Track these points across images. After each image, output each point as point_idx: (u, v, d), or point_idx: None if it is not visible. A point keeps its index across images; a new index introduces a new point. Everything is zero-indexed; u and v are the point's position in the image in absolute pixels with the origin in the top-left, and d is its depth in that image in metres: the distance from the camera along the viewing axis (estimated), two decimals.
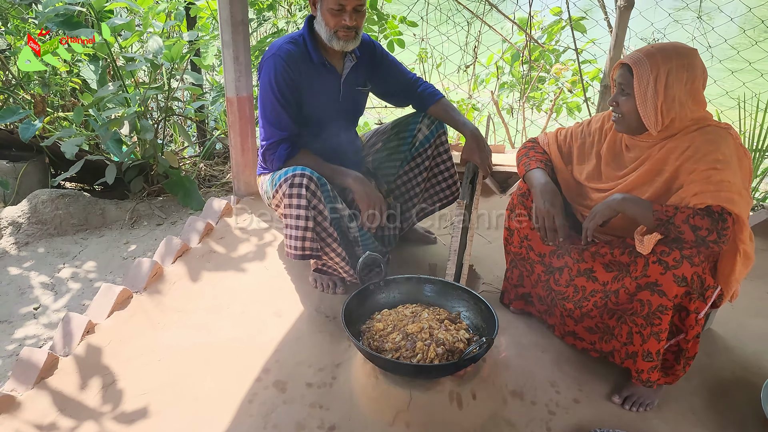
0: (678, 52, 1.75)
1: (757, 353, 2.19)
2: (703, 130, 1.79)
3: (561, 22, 4.43)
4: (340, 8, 2.15)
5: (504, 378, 1.97)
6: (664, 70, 1.72)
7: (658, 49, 1.75)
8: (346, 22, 2.16)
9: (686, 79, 1.74)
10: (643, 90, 1.75)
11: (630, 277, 1.82)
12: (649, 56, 1.74)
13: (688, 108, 1.77)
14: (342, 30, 2.19)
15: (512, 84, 4.78)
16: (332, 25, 2.18)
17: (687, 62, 1.73)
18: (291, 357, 2.05)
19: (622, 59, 1.82)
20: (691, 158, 1.75)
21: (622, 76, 1.81)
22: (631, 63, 1.77)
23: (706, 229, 1.67)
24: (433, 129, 2.49)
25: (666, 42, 1.82)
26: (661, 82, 1.73)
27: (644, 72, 1.74)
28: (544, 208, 1.98)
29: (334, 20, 2.17)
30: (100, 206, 3.30)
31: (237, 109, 2.92)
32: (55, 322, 2.52)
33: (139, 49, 4.02)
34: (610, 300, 1.89)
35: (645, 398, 1.91)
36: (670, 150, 1.81)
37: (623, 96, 1.82)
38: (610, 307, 1.91)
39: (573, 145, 2.11)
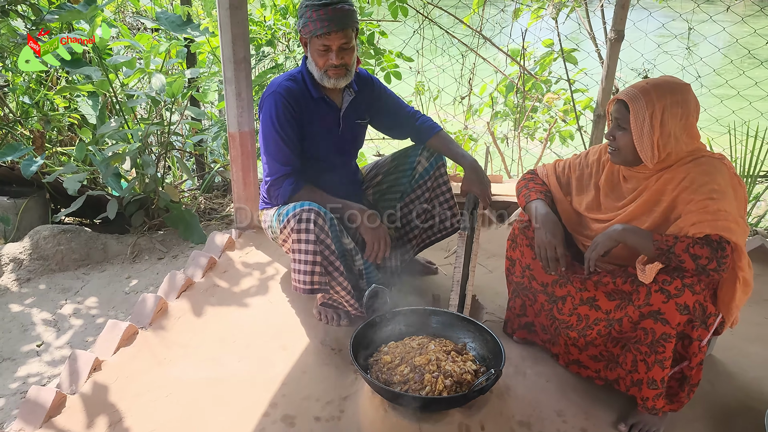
0: (672, 88, 1.81)
1: (758, 379, 2.21)
2: (698, 161, 1.84)
3: (553, 53, 4.53)
4: (326, 48, 2.21)
5: (511, 408, 1.98)
6: (659, 106, 1.78)
7: (653, 86, 1.81)
8: (333, 61, 2.22)
9: (681, 115, 1.80)
10: (639, 125, 1.80)
11: (633, 305, 1.85)
12: (645, 93, 1.80)
13: (683, 142, 1.83)
14: (331, 69, 2.25)
15: (506, 114, 4.86)
16: (321, 65, 2.25)
17: (681, 98, 1.79)
18: (298, 391, 2.05)
19: (617, 95, 1.87)
20: (688, 189, 1.80)
21: (619, 111, 1.87)
22: (627, 99, 1.82)
23: (705, 258, 1.71)
24: (432, 161, 2.54)
25: (660, 77, 1.88)
26: (657, 118, 1.78)
27: (640, 108, 1.79)
28: (545, 238, 2.01)
29: (322, 60, 2.24)
30: (101, 241, 3.31)
31: (239, 144, 2.96)
32: (59, 360, 2.51)
33: (136, 83, 4.08)
34: (614, 328, 1.92)
35: (651, 426, 1.92)
36: (667, 181, 1.86)
37: (620, 130, 1.88)
38: (614, 336, 1.94)
39: (571, 177, 2.16)
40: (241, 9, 2.74)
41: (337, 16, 2.17)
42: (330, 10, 2.16)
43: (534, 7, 4.35)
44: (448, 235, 2.66)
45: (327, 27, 2.16)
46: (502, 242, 2.78)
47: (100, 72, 3.29)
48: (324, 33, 2.18)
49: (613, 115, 1.91)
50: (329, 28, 2.17)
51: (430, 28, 4.79)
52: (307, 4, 2.19)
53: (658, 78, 1.88)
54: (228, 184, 4.10)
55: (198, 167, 4.27)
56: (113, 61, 3.31)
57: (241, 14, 2.75)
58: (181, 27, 3.54)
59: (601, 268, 2.02)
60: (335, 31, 2.18)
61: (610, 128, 1.92)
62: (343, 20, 2.18)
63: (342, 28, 2.19)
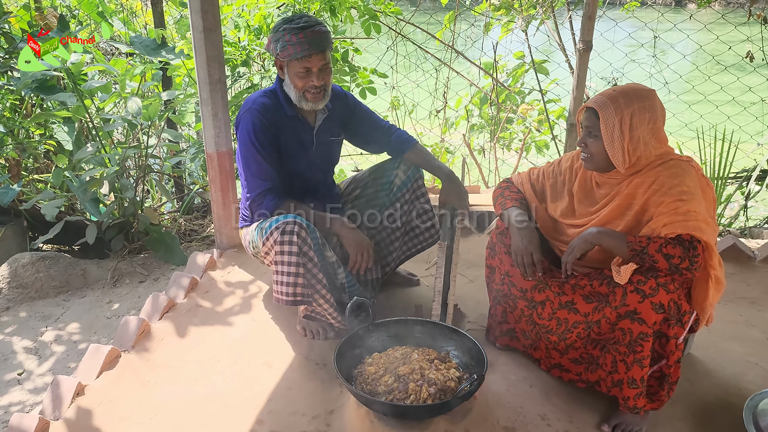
0: (638, 94, 1.87)
1: (736, 375, 2.25)
2: (666, 165, 1.90)
3: (524, 65, 4.62)
4: (307, 71, 2.25)
5: (496, 414, 2.00)
6: (627, 112, 1.84)
7: (621, 93, 1.87)
8: (314, 83, 2.26)
9: (648, 119, 1.86)
10: (609, 132, 1.86)
11: (610, 306, 1.89)
12: (613, 100, 1.85)
13: (651, 146, 1.89)
14: (310, 91, 2.28)
15: (482, 126, 4.93)
16: (300, 87, 2.28)
17: (648, 104, 1.86)
18: (284, 407, 2.06)
19: (586, 103, 1.92)
20: (658, 191, 1.86)
21: (589, 119, 1.92)
22: (596, 107, 1.88)
23: (678, 257, 1.76)
24: (409, 174, 2.57)
25: (626, 84, 1.94)
26: (626, 124, 1.84)
27: (609, 115, 1.85)
28: (521, 245, 2.06)
29: (301, 82, 2.27)
30: (81, 267, 3.29)
31: (217, 164, 2.97)
32: (41, 387, 2.49)
33: (112, 108, 4.08)
34: (592, 330, 1.95)
35: (633, 426, 1.95)
36: (638, 185, 1.91)
37: (591, 137, 1.93)
38: (593, 338, 1.97)
39: (546, 184, 2.21)
40: (215, 31, 2.77)
41: (316, 39, 2.20)
42: (309, 32, 2.19)
43: (504, 21, 4.44)
44: (428, 247, 2.69)
45: (308, 50, 2.20)
46: (481, 252, 2.81)
47: (75, 98, 3.29)
48: (305, 56, 2.21)
49: (583, 124, 1.96)
50: (309, 51, 2.20)
51: (403, 44, 4.86)
52: (285, 27, 2.22)
53: (624, 85, 1.94)
54: (207, 205, 4.10)
55: (177, 189, 4.27)
56: (88, 86, 3.32)
57: (215, 36, 2.78)
58: (155, 50, 3.56)
59: (578, 272, 2.06)
60: (315, 54, 2.21)
61: (581, 136, 1.98)
62: (322, 42, 2.22)
63: (322, 50, 2.23)
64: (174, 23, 4.38)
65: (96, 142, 3.43)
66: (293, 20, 2.22)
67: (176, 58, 3.53)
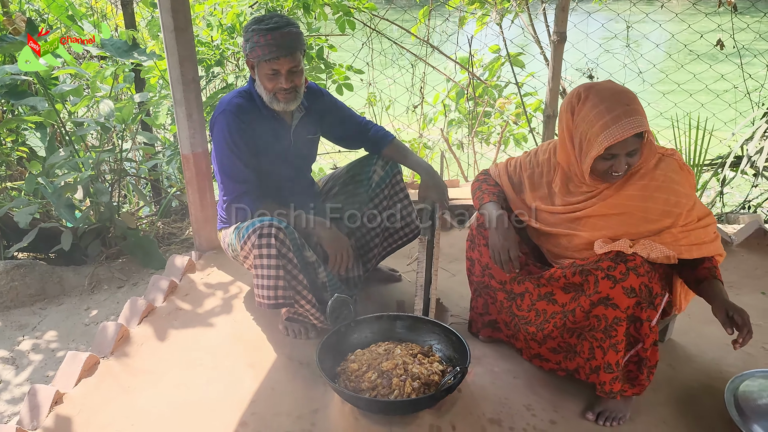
0: (628, 92, 1.87)
1: (716, 359, 2.28)
2: (663, 173, 1.91)
3: (500, 58, 4.63)
4: (275, 73, 2.21)
5: (481, 407, 2.00)
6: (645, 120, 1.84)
7: (635, 103, 1.83)
8: (283, 85, 2.22)
9: None
10: (648, 139, 1.88)
11: (585, 295, 1.90)
12: (642, 114, 1.82)
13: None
14: (280, 93, 2.25)
15: (460, 120, 4.93)
16: (270, 89, 2.25)
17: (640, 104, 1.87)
18: (268, 408, 2.04)
19: (628, 132, 1.78)
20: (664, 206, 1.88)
21: (634, 142, 1.83)
22: (643, 128, 1.81)
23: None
24: (387, 169, 2.56)
25: (610, 92, 1.87)
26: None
27: (646, 125, 1.84)
28: (498, 242, 2.06)
29: (271, 84, 2.24)
30: (57, 274, 3.23)
31: (193, 165, 2.94)
32: (19, 398, 2.44)
33: (86, 112, 4.01)
34: (568, 319, 1.96)
35: (617, 412, 1.96)
36: (628, 187, 1.93)
37: (631, 156, 1.86)
38: (569, 327, 1.98)
39: (523, 175, 2.21)
40: (186, 30, 2.74)
41: (285, 41, 2.17)
42: (278, 35, 2.16)
43: (478, 14, 4.45)
44: (408, 242, 2.68)
45: (276, 52, 2.16)
46: (462, 246, 2.81)
47: (45, 102, 3.23)
48: (272, 58, 2.17)
49: (619, 152, 1.84)
50: (278, 53, 2.17)
51: (378, 41, 4.84)
52: (254, 28, 2.18)
53: (620, 97, 1.85)
54: (185, 207, 4.05)
55: (154, 193, 4.21)
56: (59, 90, 3.26)
57: (187, 35, 2.74)
58: (127, 52, 3.50)
59: (558, 264, 2.07)
60: (284, 56, 2.18)
61: (620, 162, 1.85)
62: (292, 45, 2.19)
63: (291, 53, 2.19)
64: (146, 25, 4.32)
65: (69, 147, 3.37)
66: (263, 20, 2.19)
67: (148, 59, 3.48)
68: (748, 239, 3.16)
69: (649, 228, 1.90)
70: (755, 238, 3.16)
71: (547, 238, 2.14)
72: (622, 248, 1.84)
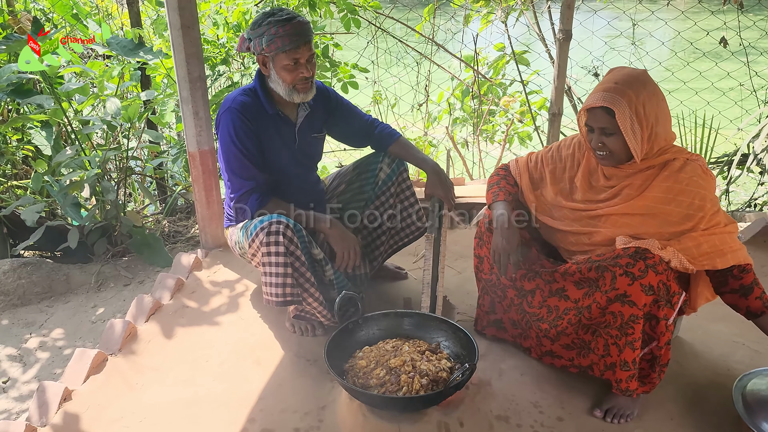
0: (641, 81, 1.84)
1: (724, 356, 2.28)
2: (683, 169, 1.88)
3: (505, 57, 4.62)
4: (295, 62, 2.22)
5: (488, 404, 2.00)
6: (639, 103, 1.81)
7: (625, 84, 1.82)
8: (304, 74, 2.24)
9: (656, 103, 1.84)
10: (628, 127, 1.82)
11: (600, 291, 1.89)
12: (622, 93, 1.80)
13: (662, 128, 1.87)
14: (300, 83, 2.26)
15: (464, 119, 4.93)
16: (290, 81, 2.25)
17: (651, 88, 1.84)
18: (275, 404, 2.04)
19: (593, 102, 1.85)
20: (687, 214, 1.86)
21: (601, 118, 1.85)
22: (610, 105, 1.81)
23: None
24: (394, 167, 2.56)
25: (620, 72, 1.88)
26: (641, 114, 1.82)
27: (624, 110, 1.80)
28: (500, 245, 2.06)
29: (291, 75, 2.24)
30: (63, 272, 3.24)
31: (200, 163, 2.94)
32: (26, 395, 2.45)
33: (92, 111, 4.02)
34: (583, 316, 1.96)
35: (625, 409, 1.96)
36: (654, 189, 1.91)
37: (606, 135, 1.88)
38: (584, 323, 1.97)
39: (545, 170, 2.19)
40: (193, 28, 2.74)
41: (302, 29, 2.19)
42: (296, 23, 2.18)
43: (483, 12, 4.44)
44: (415, 239, 2.68)
45: (296, 41, 2.18)
46: (468, 243, 2.82)
47: (51, 100, 3.24)
48: (293, 47, 2.19)
49: (592, 125, 1.89)
50: (298, 42, 2.18)
51: (383, 39, 4.84)
52: (269, 20, 2.19)
53: (620, 74, 1.87)
54: (191, 205, 4.06)
55: (160, 191, 4.22)
56: (65, 89, 3.27)
57: (193, 33, 2.75)
58: (133, 51, 3.51)
59: (572, 260, 2.06)
60: (303, 44, 2.20)
61: (595, 138, 1.91)
62: (307, 33, 2.22)
63: (308, 40, 2.22)
64: (151, 23, 4.33)
65: (75, 146, 3.38)
66: (275, 13, 2.21)
67: (154, 57, 3.49)
68: (755, 237, 3.15)
69: (670, 230, 1.88)
70: (762, 235, 3.15)
71: (564, 235, 2.12)
72: (649, 246, 1.83)
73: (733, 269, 1.89)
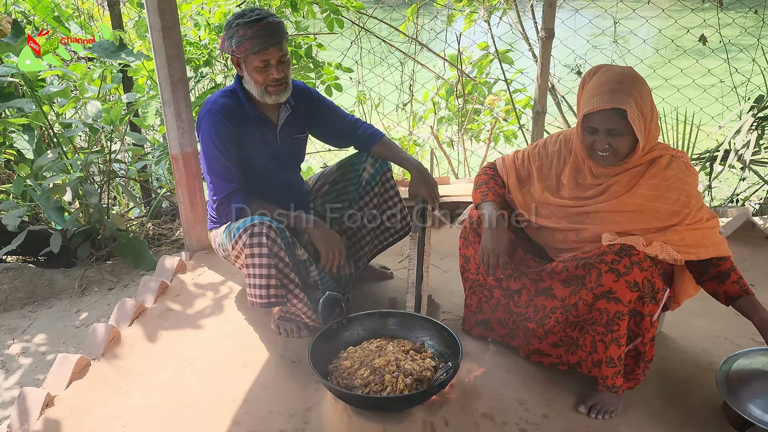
0: (639, 79, 1.86)
1: (706, 350, 2.30)
2: (670, 166, 1.91)
3: (489, 55, 4.64)
4: (265, 64, 2.22)
5: (474, 402, 2.00)
6: (643, 102, 1.83)
7: (629, 85, 1.82)
8: (275, 75, 2.23)
9: (651, 100, 1.88)
10: (638, 126, 1.82)
11: (586, 288, 1.91)
12: (629, 94, 1.80)
13: (654, 125, 1.90)
14: (271, 85, 2.25)
15: (450, 118, 4.95)
16: (261, 82, 2.24)
17: (647, 87, 1.87)
18: (261, 406, 2.03)
19: (604, 105, 1.82)
20: (673, 209, 1.89)
21: (612, 120, 1.84)
22: (622, 106, 1.80)
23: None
24: (377, 167, 2.56)
25: (621, 72, 1.88)
26: (645, 113, 1.84)
27: (634, 110, 1.80)
28: (489, 246, 2.07)
29: (261, 76, 2.23)
30: (46, 277, 3.21)
31: (183, 165, 2.93)
32: (9, 401, 2.42)
33: (74, 114, 3.99)
34: (570, 314, 1.97)
35: (609, 405, 1.97)
36: (642, 185, 1.93)
37: (614, 137, 1.86)
38: (572, 321, 1.99)
39: (531, 167, 2.19)
40: (173, 29, 2.72)
41: (271, 30, 2.18)
42: (264, 24, 2.17)
43: (466, 12, 4.46)
44: (400, 239, 2.68)
45: (264, 42, 2.17)
46: (453, 243, 2.82)
47: (32, 104, 3.21)
48: (262, 49, 2.18)
49: (598, 126, 1.87)
50: (266, 43, 2.18)
51: (367, 39, 4.84)
52: (238, 22, 2.19)
53: (618, 75, 1.86)
54: (176, 208, 4.04)
55: (144, 194, 4.20)
56: (46, 92, 3.24)
57: (174, 35, 2.73)
58: (114, 53, 3.49)
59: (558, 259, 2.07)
60: (272, 46, 2.19)
61: (600, 139, 1.89)
62: (277, 33, 2.20)
63: (278, 42, 2.20)
64: (133, 26, 4.30)
65: (57, 149, 3.35)
66: (245, 14, 2.20)
67: (136, 59, 3.47)
68: (736, 232, 3.19)
69: (656, 225, 1.91)
70: (743, 230, 3.19)
71: (551, 233, 2.13)
72: (634, 243, 1.84)
73: (712, 258, 1.92)
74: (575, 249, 2.05)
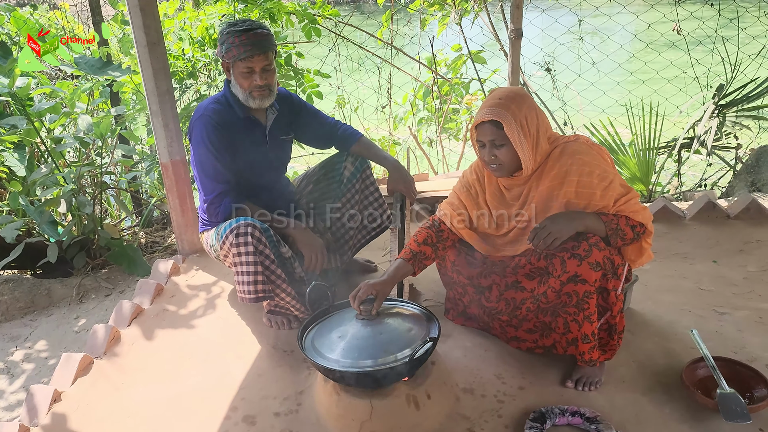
0: (520, 96, 2.04)
1: (672, 322, 2.45)
2: (564, 152, 2.07)
3: (462, 57, 4.81)
4: (250, 71, 2.38)
5: (454, 377, 2.15)
6: (522, 116, 2.00)
7: (508, 100, 2.01)
8: (258, 82, 2.39)
9: (535, 116, 2.04)
10: (516, 138, 2.00)
11: (553, 277, 2.04)
12: (506, 108, 1.99)
13: (543, 140, 2.07)
14: (255, 90, 2.41)
15: (429, 119, 5.11)
16: (246, 87, 2.41)
17: (530, 102, 2.04)
18: (256, 392, 2.17)
19: (481, 118, 2.03)
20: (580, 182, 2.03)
21: (490, 132, 2.02)
22: (497, 118, 1.99)
23: (638, 225, 2.03)
24: (357, 165, 2.71)
25: (500, 91, 2.08)
26: (525, 126, 2.01)
27: (511, 123, 1.99)
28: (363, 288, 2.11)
29: (246, 82, 2.40)
30: (45, 286, 3.33)
31: (172, 172, 3.06)
32: (15, 404, 2.54)
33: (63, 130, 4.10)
34: (540, 302, 2.11)
35: (592, 377, 2.10)
36: (552, 178, 2.07)
37: (497, 148, 2.05)
38: (542, 307, 2.13)
39: (465, 201, 2.31)
40: (158, 44, 2.86)
41: (258, 41, 2.34)
42: (252, 35, 2.34)
43: (439, 16, 4.63)
44: (381, 232, 2.83)
45: (250, 51, 2.33)
46: None
47: (24, 121, 3.33)
48: (247, 56, 2.34)
49: (483, 139, 2.06)
50: (252, 52, 2.34)
51: (345, 46, 5.00)
52: (229, 30, 2.36)
53: (501, 92, 2.06)
54: (167, 216, 4.16)
55: (135, 204, 4.32)
56: (37, 108, 3.36)
57: (159, 49, 2.87)
58: (101, 69, 3.61)
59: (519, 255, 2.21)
60: (257, 54, 2.35)
61: (487, 151, 2.07)
62: (264, 44, 2.36)
63: (263, 51, 2.36)
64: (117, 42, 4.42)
65: (49, 164, 3.47)
66: (237, 24, 2.37)
67: (122, 74, 3.60)
68: (699, 212, 3.37)
69: (600, 204, 2.04)
70: (705, 211, 3.37)
71: (509, 258, 2.24)
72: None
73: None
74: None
